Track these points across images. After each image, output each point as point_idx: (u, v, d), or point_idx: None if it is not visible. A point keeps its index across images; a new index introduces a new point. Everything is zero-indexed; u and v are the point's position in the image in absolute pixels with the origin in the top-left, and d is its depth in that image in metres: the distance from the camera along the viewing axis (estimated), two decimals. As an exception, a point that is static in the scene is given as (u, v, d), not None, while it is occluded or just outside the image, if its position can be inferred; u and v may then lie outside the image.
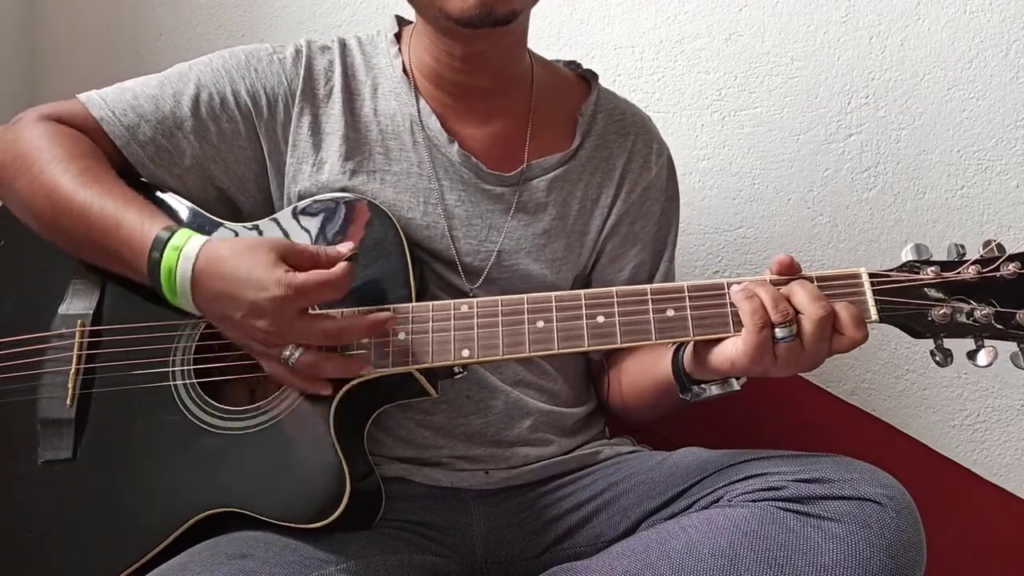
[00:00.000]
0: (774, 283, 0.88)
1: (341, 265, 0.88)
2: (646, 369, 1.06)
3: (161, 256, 0.90)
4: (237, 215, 1.07)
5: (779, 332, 0.85)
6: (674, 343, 0.97)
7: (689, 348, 0.95)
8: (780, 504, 0.90)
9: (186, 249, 0.90)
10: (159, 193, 1.04)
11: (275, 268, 0.86)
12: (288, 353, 0.89)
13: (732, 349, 0.87)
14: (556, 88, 1.15)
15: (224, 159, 1.05)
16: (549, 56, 1.20)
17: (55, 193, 0.95)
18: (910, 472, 0.99)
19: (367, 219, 0.99)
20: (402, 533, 1.01)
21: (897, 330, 0.89)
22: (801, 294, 0.86)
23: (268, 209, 1.06)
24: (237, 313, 0.88)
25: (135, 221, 0.92)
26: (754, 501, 0.92)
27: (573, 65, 1.20)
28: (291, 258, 0.89)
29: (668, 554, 0.90)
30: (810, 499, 0.89)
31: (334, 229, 1.00)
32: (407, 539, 1.01)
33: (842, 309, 0.85)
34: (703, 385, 0.96)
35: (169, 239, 0.90)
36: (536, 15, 1.06)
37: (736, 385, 0.93)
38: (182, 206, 1.04)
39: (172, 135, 1.03)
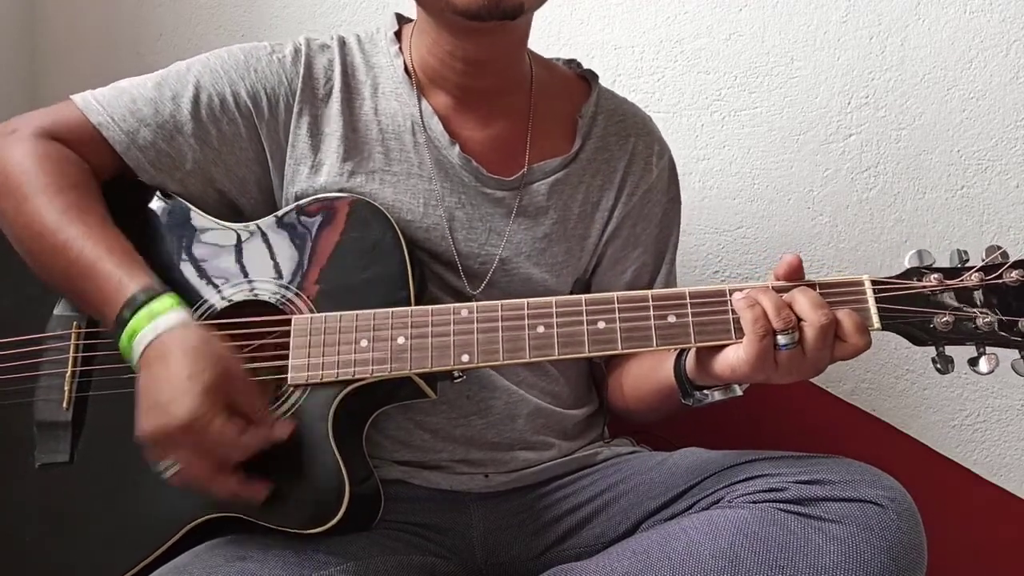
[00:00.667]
0: (776, 289, 0.88)
1: (252, 436, 0.86)
2: (648, 373, 1.06)
3: (131, 316, 0.88)
4: (238, 216, 1.06)
5: (781, 339, 0.84)
6: (674, 349, 0.97)
7: (691, 354, 0.94)
8: (781, 505, 0.90)
9: (158, 321, 0.87)
10: (160, 196, 1.04)
11: (205, 396, 0.83)
12: (164, 466, 0.86)
13: (733, 357, 0.87)
14: (556, 89, 1.14)
15: (225, 161, 1.04)
16: (548, 55, 1.19)
17: (36, 226, 0.93)
18: (910, 472, 0.99)
19: (365, 220, 0.99)
20: (401, 534, 1.01)
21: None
22: (803, 301, 0.85)
23: (270, 210, 1.05)
24: (148, 399, 0.86)
25: (113, 274, 0.90)
26: (755, 502, 0.92)
27: (573, 64, 1.19)
28: (232, 390, 0.86)
29: (668, 555, 0.89)
30: (811, 501, 0.89)
31: (332, 230, 0.99)
32: (407, 540, 1.01)
33: (844, 316, 0.85)
34: (705, 391, 0.95)
35: (145, 303, 0.88)
36: (536, 15, 1.05)
37: (739, 390, 0.93)
38: (183, 209, 1.03)
39: (173, 139, 1.02)
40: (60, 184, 0.95)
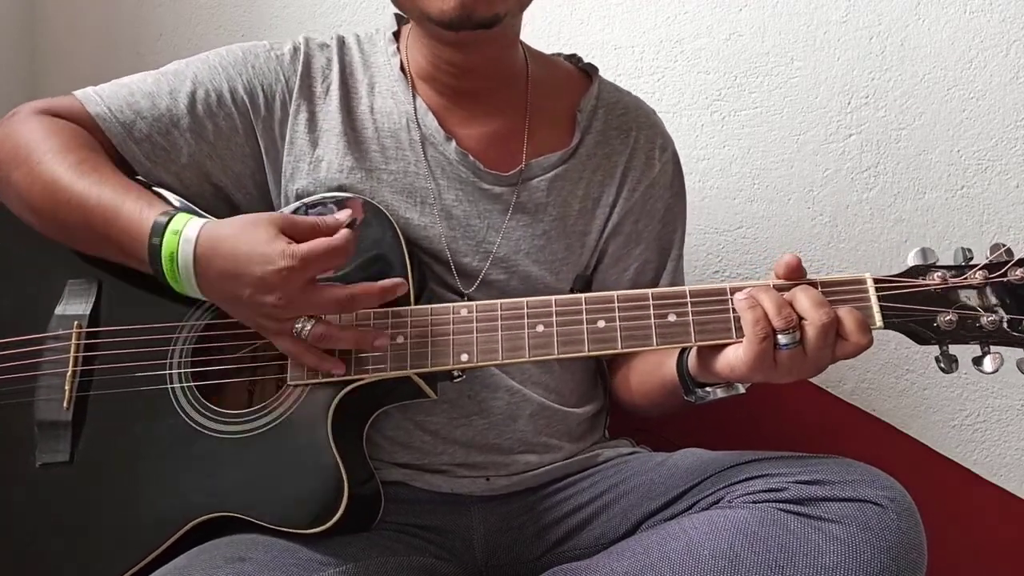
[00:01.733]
0: (778, 288, 0.87)
1: (343, 232, 0.88)
2: (653, 369, 1.06)
3: (161, 241, 0.89)
4: (234, 213, 1.06)
5: (782, 339, 0.84)
6: (675, 349, 0.97)
7: (693, 352, 0.94)
8: (781, 506, 0.90)
9: (186, 232, 0.89)
10: (155, 190, 1.04)
11: (277, 240, 0.86)
12: (300, 325, 0.88)
13: (733, 356, 0.87)
14: (554, 83, 1.14)
15: (221, 156, 1.05)
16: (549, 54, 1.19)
17: (52, 184, 0.95)
18: (910, 472, 0.99)
19: (365, 219, 0.99)
20: (401, 536, 1.01)
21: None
22: (804, 300, 0.85)
23: (266, 207, 1.06)
24: (245, 291, 0.87)
25: (133, 208, 0.92)
26: (755, 503, 0.91)
27: (574, 59, 1.18)
28: (291, 230, 0.88)
29: (668, 555, 0.89)
30: (811, 501, 0.89)
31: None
32: (407, 542, 1.01)
33: (846, 314, 0.85)
34: (707, 388, 0.95)
35: (168, 223, 0.90)
36: (536, 15, 1.06)
37: (741, 388, 0.93)
38: (178, 204, 1.03)
39: (168, 132, 1.03)
40: (69, 144, 0.97)
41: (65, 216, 0.95)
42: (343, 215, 0.92)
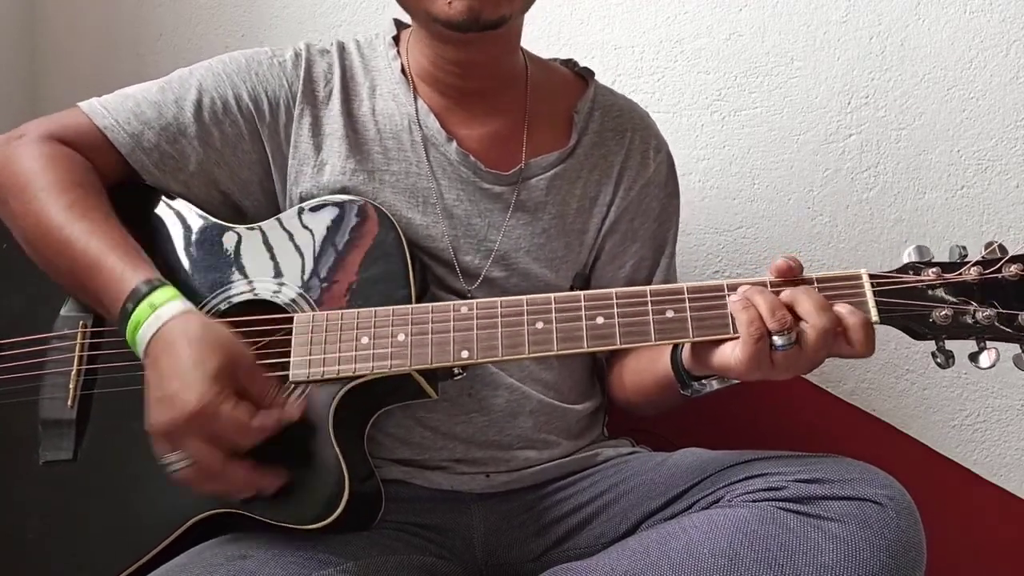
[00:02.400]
0: (774, 285, 0.87)
1: (265, 418, 0.85)
2: (647, 366, 1.06)
3: (134, 308, 0.88)
4: (241, 218, 1.07)
5: (778, 340, 0.84)
6: (674, 344, 0.97)
7: (687, 345, 0.94)
8: (780, 504, 0.90)
9: (160, 311, 0.88)
10: (165, 199, 1.04)
11: (213, 382, 0.83)
12: (170, 459, 0.85)
13: (730, 355, 0.87)
14: (551, 86, 1.15)
15: (228, 163, 1.05)
16: (548, 55, 1.20)
17: (43, 223, 0.94)
18: (910, 472, 0.99)
19: (368, 220, 0.99)
20: (402, 534, 1.01)
21: (897, 330, 0.88)
22: (806, 303, 0.84)
23: (272, 212, 1.06)
24: (156, 391, 0.85)
25: (116, 266, 0.91)
26: (754, 501, 0.92)
27: (570, 63, 1.20)
28: (241, 375, 0.86)
29: (668, 554, 0.89)
30: (810, 499, 0.89)
31: (335, 230, 1.00)
32: (407, 540, 1.01)
33: (848, 315, 0.84)
34: (703, 381, 0.96)
35: (147, 295, 0.89)
36: (536, 15, 1.06)
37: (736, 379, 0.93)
38: (187, 210, 1.04)
39: (176, 141, 1.03)
40: (65, 182, 0.96)
41: (51, 257, 0.95)
42: (293, 411, 0.88)
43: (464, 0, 0.94)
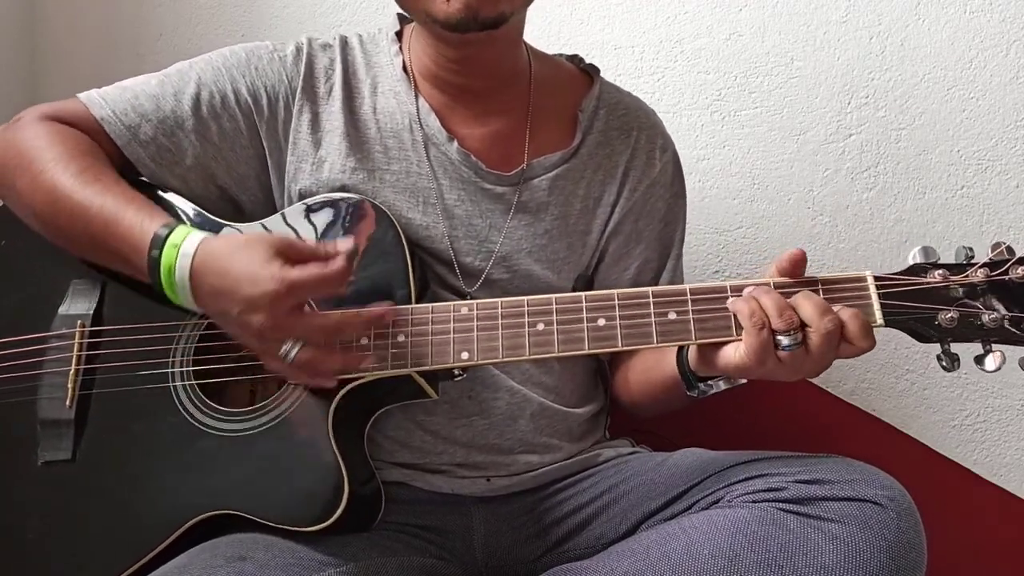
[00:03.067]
0: (778, 286, 0.87)
1: (339, 260, 0.87)
2: (653, 367, 1.06)
3: (160, 254, 0.90)
4: (239, 214, 1.06)
5: (784, 340, 0.84)
6: (675, 347, 0.97)
7: (693, 346, 0.94)
8: (780, 505, 0.90)
9: (184, 246, 0.89)
10: (160, 193, 1.04)
11: (270, 263, 0.85)
12: (286, 349, 0.88)
13: (735, 353, 0.87)
14: (556, 84, 1.14)
15: (225, 158, 1.05)
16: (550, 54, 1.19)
17: (55, 192, 0.95)
18: (910, 472, 0.99)
19: (367, 219, 0.99)
20: (402, 536, 1.01)
21: (898, 331, 0.88)
22: (808, 307, 0.84)
23: (270, 208, 1.06)
24: (234, 309, 0.87)
25: (134, 219, 0.92)
26: (754, 502, 0.91)
27: (575, 60, 1.18)
28: (288, 253, 0.87)
29: (668, 555, 0.89)
30: (810, 500, 0.89)
31: (334, 228, 1.00)
32: (407, 542, 1.01)
33: (850, 319, 0.84)
34: (709, 382, 0.95)
35: (168, 236, 0.90)
36: (536, 15, 1.06)
37: (742, 379, 0.93)
38: (184, 205, 1.04)
39: (173, 134, 1.03)
40: (72, 152, 0.97)
41: (67, 224, 0.96)
42: (345, 244, 0.90)
43: None
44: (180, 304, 0.92)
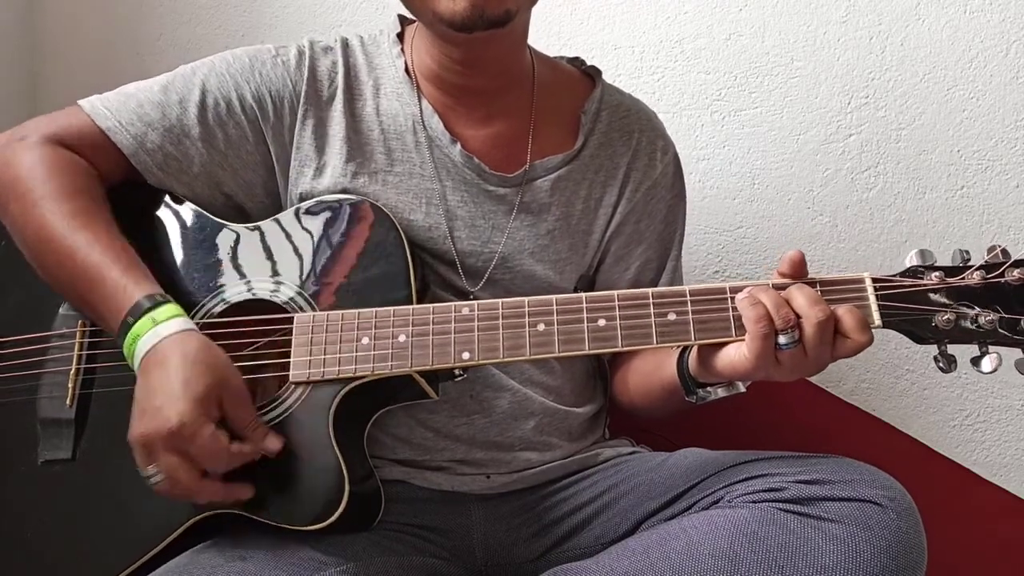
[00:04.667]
0: (778, 287, 0.88)
1: (240, 449, 0.87)
2: (652, 370, 1.06)
3: (135, 322, 0.89)
4: (245, 219, 1.06)
5: (781, 339, 0.84)
6: (676, 347, 0.97)
7: (693, 352, 0.94)
8: (780, 505, 0.90)
9: (160, 328, 0.88)
10: (167, 199, 1.04)
11: (197, 404, 0.84)
12: (149, 472, 0.86)
13: (735, 355, 0.87)
14: (558, 86, 1.14)
15: (232, 165, 1.05)
16: (551, 55, 1.19)
17: (44, 230, 0.94)
18: (910, 472, 0.99)
19: (368, 220, 0.99)
20: (402, 535, 1.01)
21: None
22: (800, 298, 0.85)
23: (276, 213, 1.06)
24: (140, 404, 0.87)
25: (119, 280, 0.91)
26: (754, 502, 0.92)
27: (577, 62, 1.19)
28: (227, 403, 0.87)
29: (668, 555, 0.89)
30: (811, 500, 0.89)
31: (334, 230, 1.00)
32: (407, 541, 1.01)
33: (845, 313, 0.85)
34: (708, 388, 0.95)
35: (149, 309, 0.89)
36: (536, 15, 1.05)
37: (742, 387, 0.93)
38: (188, 210, 1.04)
39: (180, 143, 1.02)
40: (67, 190, 0.96)
41: (51, 265, 0.95)
42: (272, 444, 0.89)
43: None
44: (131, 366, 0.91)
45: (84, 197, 0.97)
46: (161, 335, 0.88)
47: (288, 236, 1.01)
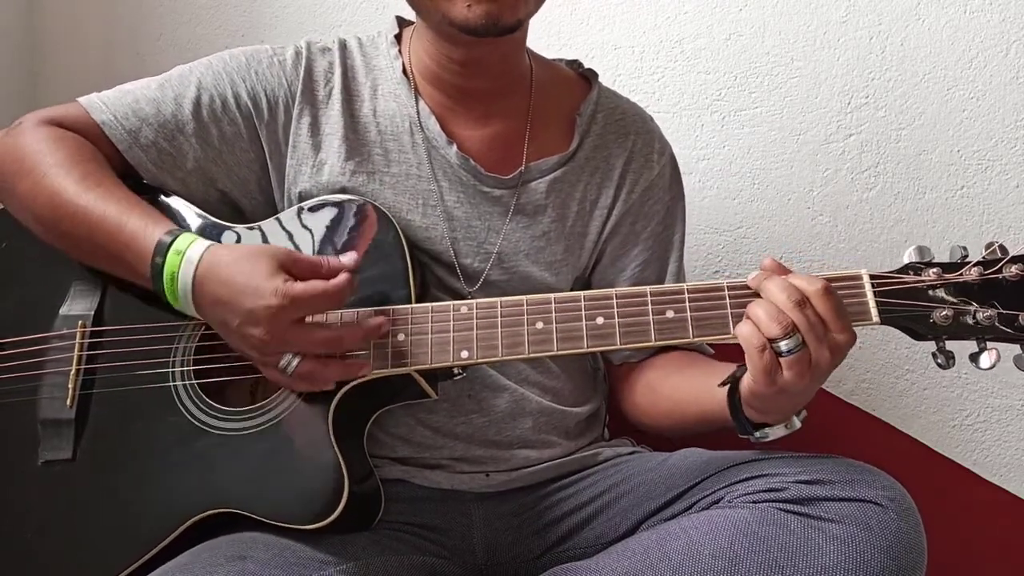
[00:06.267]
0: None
1: (341, 276, 0.88)
2: (691, 400, 1.04)
3: (164, 260, 0.90)
4: (240, 217, 1.07)
5: (783, 346, 0.83)
6: (710, 376, 0.96)
7: (745, 390, 0.90)
8: (781, 505, 0.90)
9: (188, 253, 0.90)
10: (162, 196, 1.04)
11: (272, 277, 0.86)
12: (285, 362, 0.88)
13: (746, 379, 0.86)
14: (555, 88, 1.14)
15: (226, 162, 1.05)
16: (549, 56, 1.19)
17: (57, 197, 0.95)
18: (910, 472, 0.99)
19: (367, 220, 0.99)
20: (402, 534, 1.01)
21: (897, 331, 0.89)
22: (771, 288, 0.84)
23: (270, 211, 1.06)
24: (234, 320, 0.88)
25: (138, 225, 0.92)
26: (755, 502, 0.91)
27: (575, 64, 1.19)
28: (291, 267, 0.88)
29: (668, 555, 0.89)
30: (811, 500, 0.89)
31: (334, 230, 1.00)
32: (407, 540, 1.01)
33: (806, 284, 0.84)
34: (765, 429, 0.92)
35: (172, 243, 0.90)
36: (536, 15, 1.06)
37: (797, 423, 0.91)
38: (185, 209, 1.04)
39: (174, 138, 1.03)
40: (73, 157, 0.98)
41: (69, 229, 0.96)
42: (348, 259, 0.92)
43: (483, 5, 0.93)
44: (182, 311, 0.93)
45: (90, 162, 0.98)
46: (194, 260, 0.89)
47: (288, 236, 1.01)
